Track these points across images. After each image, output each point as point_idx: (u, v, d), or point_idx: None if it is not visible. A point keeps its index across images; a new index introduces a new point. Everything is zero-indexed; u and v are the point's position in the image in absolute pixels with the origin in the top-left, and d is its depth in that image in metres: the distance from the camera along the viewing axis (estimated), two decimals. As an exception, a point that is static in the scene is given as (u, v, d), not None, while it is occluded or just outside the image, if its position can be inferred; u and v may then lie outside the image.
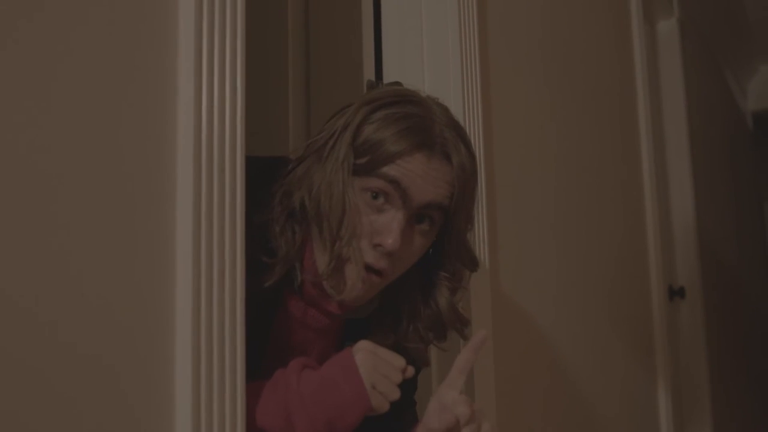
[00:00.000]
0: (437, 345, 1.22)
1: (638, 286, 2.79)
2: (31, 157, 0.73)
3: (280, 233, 1.09)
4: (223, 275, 0.89)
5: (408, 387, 1.23)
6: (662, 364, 2.84)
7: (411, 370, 1.08)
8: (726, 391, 4.07)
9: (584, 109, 2.46)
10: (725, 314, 4.41)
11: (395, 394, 1.04)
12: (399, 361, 1.06)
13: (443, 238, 1.15)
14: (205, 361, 0.86)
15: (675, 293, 3.36)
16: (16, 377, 0.70)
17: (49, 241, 0.73)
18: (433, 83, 1.64)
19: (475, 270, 1.21)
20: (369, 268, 1.09)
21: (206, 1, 0.91)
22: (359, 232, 1.08)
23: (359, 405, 1.02)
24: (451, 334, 1.22)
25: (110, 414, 0.77)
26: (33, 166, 0.73)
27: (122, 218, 0.80)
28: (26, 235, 0.71)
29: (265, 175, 1.12)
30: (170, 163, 0.86)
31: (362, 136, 1.08)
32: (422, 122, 1.10)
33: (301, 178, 1.11)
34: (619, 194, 2.72)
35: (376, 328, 1.20)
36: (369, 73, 1.65)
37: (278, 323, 1.14)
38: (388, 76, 1.66)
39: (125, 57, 0.82)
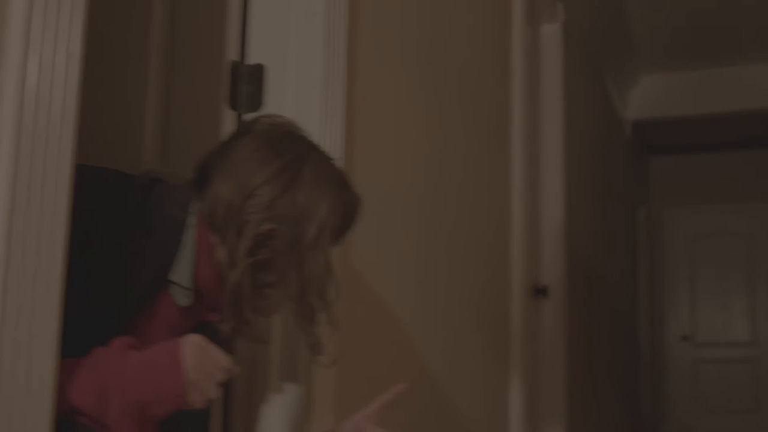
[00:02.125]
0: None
1: (500, 284, 2.87)
2: None
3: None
4: (39, 250, 0.88)
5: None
6: (518, 361, 2.93)
7: (237, 370, 1.10)
8: (584, 388, 4.23)
9: (458, 108, 2.51)
10: (590, 315, 4.58)
11: (214, 393, 1.06)
12: (225, 360, 1.08)
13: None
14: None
15: (538, 292, 3.47)
16: None
17: None
18: (296, 65, 1.65)
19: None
20: None
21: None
22: None
23: (175, 396, 1.04)
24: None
25: None
26: None
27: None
28: None
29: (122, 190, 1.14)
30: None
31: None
32: None
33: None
34: (487, 194, 2.78)
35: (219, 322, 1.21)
36: (232, 54, 1.65)
37: (141, 317, 1.14)
38: (252, 59, 1.66)
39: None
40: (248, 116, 1.59)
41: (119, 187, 1.14)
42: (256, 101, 1.65)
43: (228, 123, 1.61)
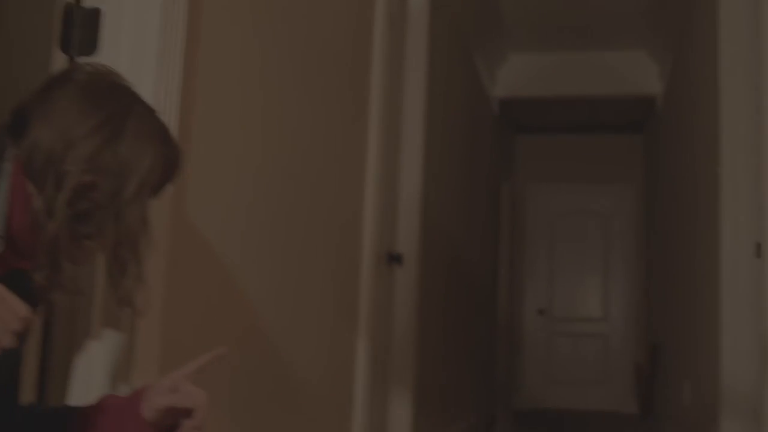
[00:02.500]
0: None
1: (351, 249, 2.90)
2: None
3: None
4: None
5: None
6: (365, 325, 2.98)
7: (35, 320, 1.08)
8: (436, 355, 4.34)
9: (314, 71, 2.50)
10: (447, 285, 4.69)
11: (8, 342, 1.04)
12: (23, 310, 1.05)
13: None
14: None
15: (393, 259, 3.53)
16: None
17: None
18: (134, 10, 1.61)
19: None
20: None
21: None
22: None
23: None
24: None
25: None
26: None
27: None
28: None
29: None
30: None
31: None
32: None
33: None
34: (340, 162, 2.80)
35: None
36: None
37: None
38: (88, 2, 1.61)
39: None
40: (80, 61, 1.55)
41: None
42: (90, 46, 1.60)
43: (58, 66, 1.56)
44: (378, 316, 3.24)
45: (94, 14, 1.62)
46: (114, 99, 1.20)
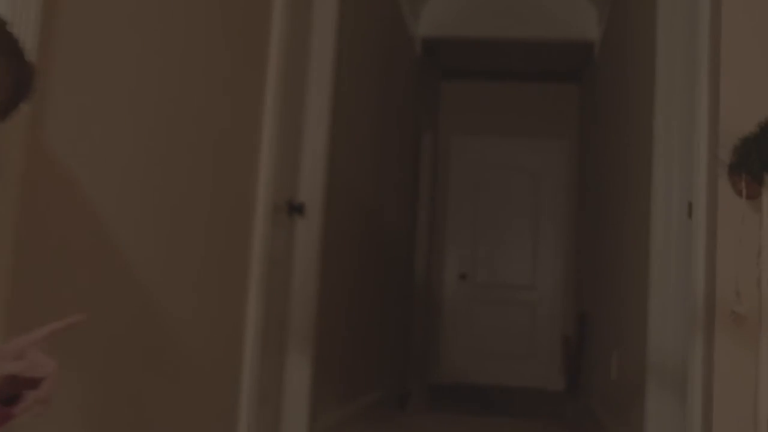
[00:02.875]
0: None
1: (243, 198, 2.89)
2: None
3: None
4: None
5: None
6: (257, 282, 2.98)
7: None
8: (339, 313, 4.36)
9: (204, 7, 2.47)
10: (355, 240, 4.71)
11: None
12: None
13: None
14: None
15: (294, 209, 3.53)
16: None
17: None
18: None
19: None
20: None
21: None
22: None
23: None
24: None
25: None
26: None
27: None
28: None
29: None
30: None
31: None
32: None
33: None
34: (234, 103, 2.77)
35: None
36: None
37: None
38: None
39: None
40: None
41: None
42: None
43: None
44: (273, 271, 3.24)
45: None
46: None
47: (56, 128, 1.75)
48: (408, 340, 7.07)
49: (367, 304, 5.17)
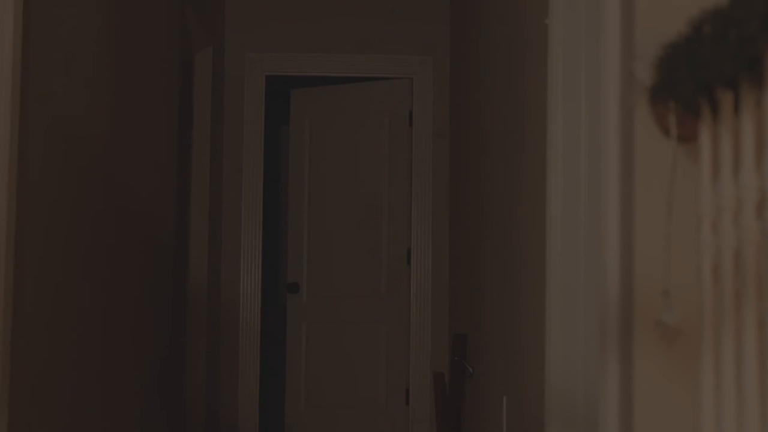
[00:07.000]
0: None
1: None
2: None
3: None
4: None
5: None
6: None
7: None
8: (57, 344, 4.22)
9: None
10: (88, 223, 4.58)
11: None
12: None
13: None
14: None
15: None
16: None
17: None
18: None
19: None
20: None
21: None
22: None
23: None
24: None
25: None
26: None
27: None
28: None
29: None
30: None
31: None
32: None
33: None
34: None
35: None
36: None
37: None
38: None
39: None
40: None
41: None
42: None
43: None
44: None
45: None
46: None
47: None
48: (181, 388, 6.94)
49: (101, 324, 5.04)
